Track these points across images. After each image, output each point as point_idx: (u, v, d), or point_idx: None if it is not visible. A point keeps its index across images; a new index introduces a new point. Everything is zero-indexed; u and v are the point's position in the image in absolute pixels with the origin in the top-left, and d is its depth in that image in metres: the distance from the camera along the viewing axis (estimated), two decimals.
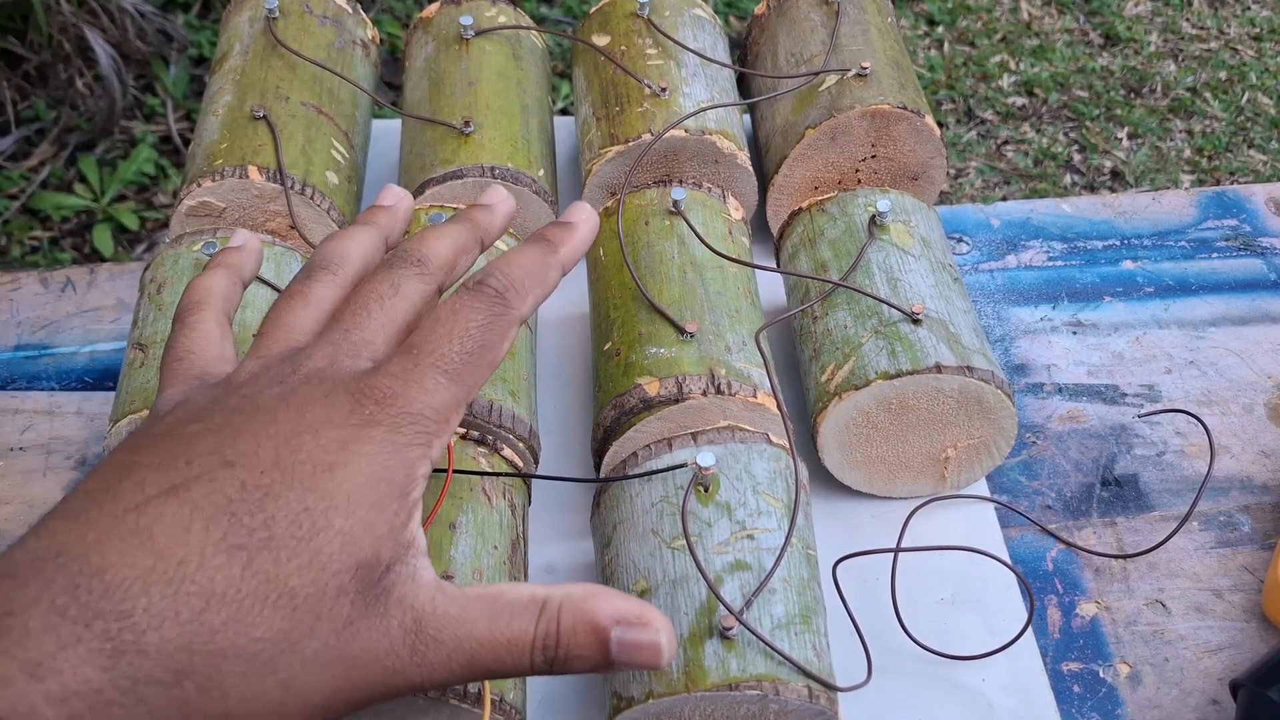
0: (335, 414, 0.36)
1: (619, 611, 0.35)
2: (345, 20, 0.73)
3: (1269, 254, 0.73)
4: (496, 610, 0.35)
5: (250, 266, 0.46)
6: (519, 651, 0.35)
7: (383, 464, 0.35)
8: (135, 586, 0.31)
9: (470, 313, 0.38)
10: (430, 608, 0.35)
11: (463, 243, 0.43)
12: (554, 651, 0.35)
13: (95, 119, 1.65)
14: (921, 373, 0.53)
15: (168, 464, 0.34)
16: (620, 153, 0.65)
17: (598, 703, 0.52)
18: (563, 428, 0.62)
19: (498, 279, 0.40)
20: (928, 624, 0.54)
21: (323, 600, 0.33)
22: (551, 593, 0.36)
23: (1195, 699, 0.53)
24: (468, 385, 0.38)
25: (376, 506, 0.35)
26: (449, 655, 0.35)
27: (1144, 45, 1.89)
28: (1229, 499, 0.61)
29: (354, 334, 0.39)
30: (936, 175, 0.68)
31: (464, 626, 0.35)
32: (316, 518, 0.34)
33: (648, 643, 0.35)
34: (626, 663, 0.36)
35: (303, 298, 0.41)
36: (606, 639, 0.35)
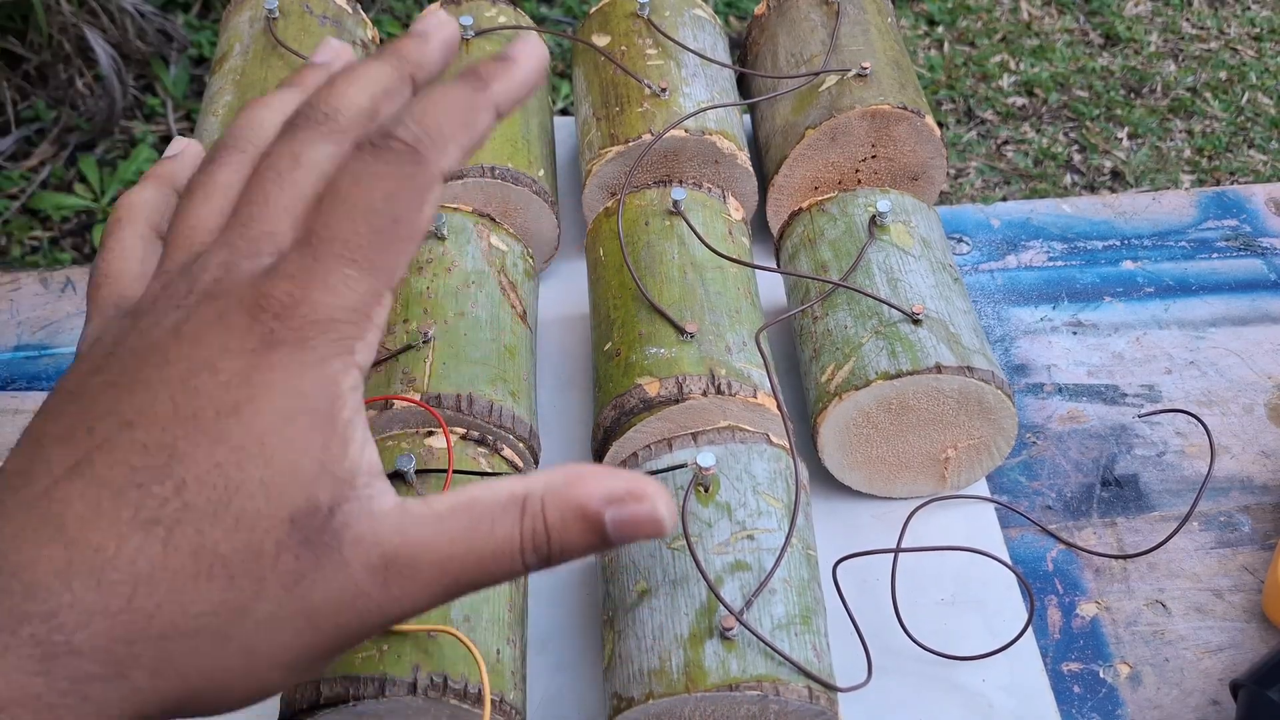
0: (232, 339, 0.30)
1: (607, 491, 0.32)
2: (345, 20, 0.73)
3: (1269, 254, 0.73)
4: (474, 520, 0.31)
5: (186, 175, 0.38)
6: (508, 557, 0.31)
7: (294, 390, 0.30)
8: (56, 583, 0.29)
9: (374, 179, 0.31)
10: (398, 538, 0.31)
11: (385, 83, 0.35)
12: (546, 548, 0.32)
13: (95, 119, 1.65)
14: (922, 373, 0.53)
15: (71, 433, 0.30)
16: (620, 153, 0.65)
17: (598, 703, 0.52)
18: (563, 428, 0.62)
19: (408, 128, 0.32)
20: (928, 624, 0.54)
21: (260, 561, 0.30)
22: (531, 486, 0.32)
23: (1195, 699, 0.53)
24: (385, 270, 0.31)
25: (297, 444, 0.30)
26: (429, 581, 0.31)
27: (1144, 45, 1.89)
28: (1229, 499, 0.61)
29: (252, 227, 0.32)
30: (936, 175, 0.68)
31: (441, 547, 0.31)
32: (230, 472, 0.30)
33: (645, 517, 0.32)
34: (627, 539, 0.32)
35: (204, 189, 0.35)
36: (601, 523, 0.32)
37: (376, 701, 0.42)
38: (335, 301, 0.31)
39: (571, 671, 0.53)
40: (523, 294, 0.59)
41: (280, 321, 0.30)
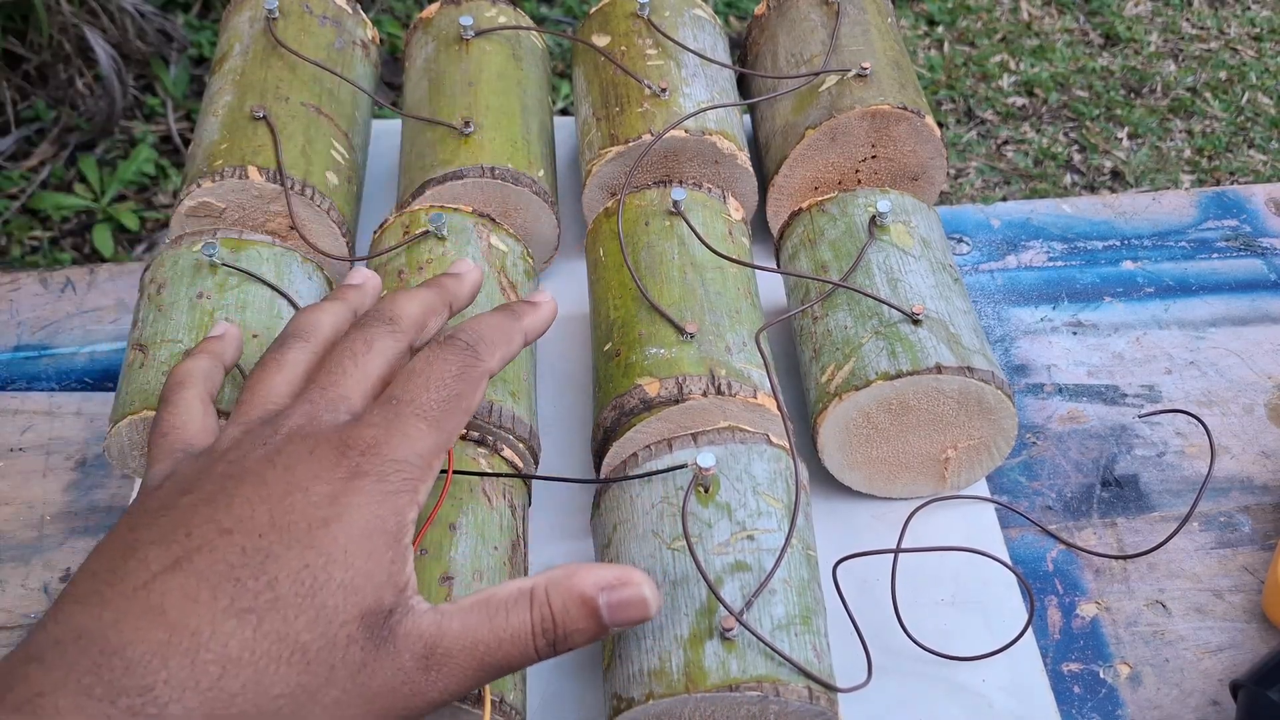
0: (322, 469, 0.37)
1: (600, 580, 0.38)
2: (345, 20, 0.73)
3: (1269, 254, 0.73)
4: (492, 612, 0.38)
5: (231, 353, 0.48)
6: (522, 643, 0.38)
7: (374, 513, 0.37)
8: (154, 661, 0.32)
9: (444, 364, 0.41)
10: (436, 632, 0.37)
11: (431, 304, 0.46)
12: (553, 633, 0.38)
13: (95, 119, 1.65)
14: (922, 373, 0.53)
15: (168, 538, 0.35)
16: (620, 153, 0.65)
17: (597, 703, 0.52)
18: (563, 428, 0.62)
19: (468, 333, 0.43)
20: (928, 624, 0.54)
21: (334, 651, 0.35)
22: (535, 582, 0.39)
23: (1195, 700, 0.53)
24: (447, 432, 0.40)
25: (373, 556, 0.36)
26: (461, 667, 0.37)
27: (1144, 45, 1.89)
28: (1229, 499, 0.61)
29: (330, 390, 0.40)
30: (936, 175, 0.68)
31: (468, 636, 0.37)
32: (318, 573, 0.35)
33: (634, 599, 0.39)
34: (621, 623, 0.39)
35: (277, 364, 0.42)
36: (597, 608, 0.38)
37: None
38: (410, 447, 0.38)
39: (571, 671, 0.53)
40: (523, 294, 0.59)
41: (365, 458, 0.38)
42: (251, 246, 0.58)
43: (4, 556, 0.58)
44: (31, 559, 0.58)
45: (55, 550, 0.58)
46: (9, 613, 0.56)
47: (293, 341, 0.43)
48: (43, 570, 0.58)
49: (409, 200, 0.64)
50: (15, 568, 0.58)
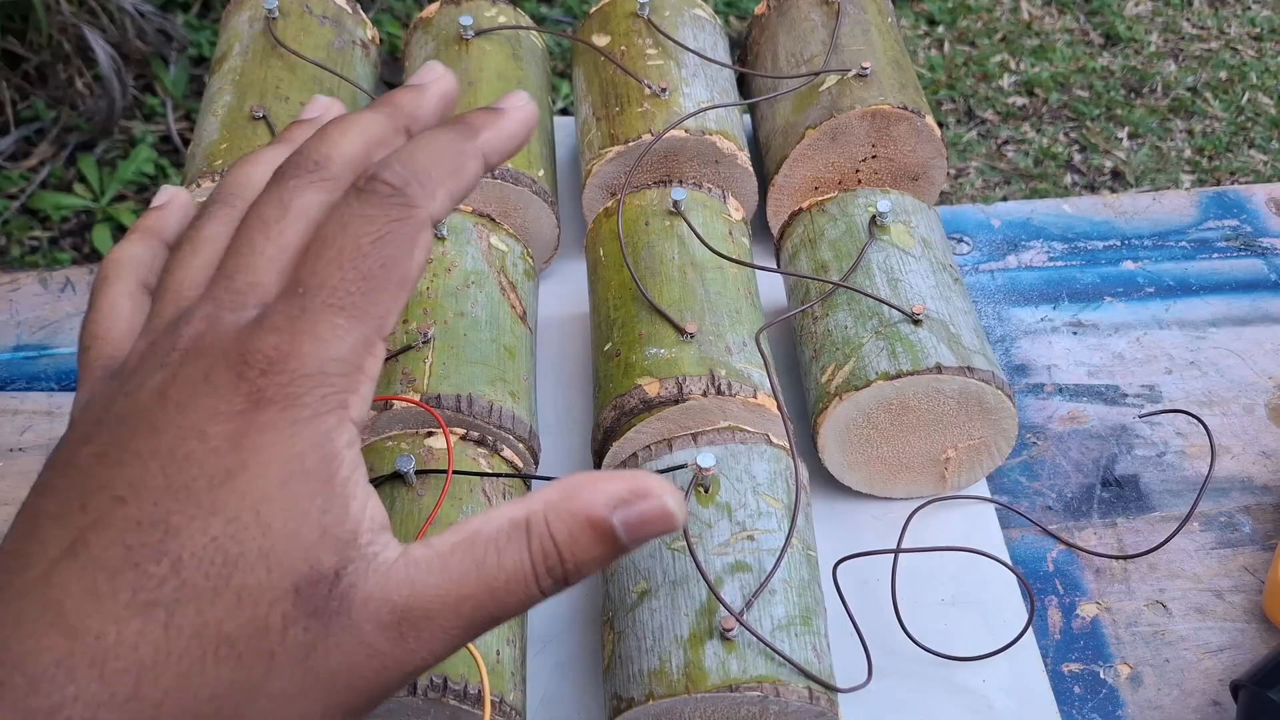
0: (219, 400, 0.29)
1: (610, 494, 0.30)
2: (345, 20, 0.73)
3: (1269, 254, 0.73)
4: (479, 553, 0.30)
5: (175, 226, 0.37)
6: (521, 585, 0.30)
7: (287, 454, 0.29)
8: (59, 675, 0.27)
9: (362, 223, 0.30)
10: (407, 589, 0.29)
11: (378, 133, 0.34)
12: (560, 568, 0.30)
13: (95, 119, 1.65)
14: (922, 373, 0.53)
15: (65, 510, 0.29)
16: (620, 153, 0.65)
17: (598, 703, 0.52)
18: (563, 428, 0.62)
19: (395, 171, 0.31)
20: (928, 625, 0.54)
21: (268, 637, 0.28)
22: (530, 507, 0.30)
23: (1196, 700, 0.53)
24: (376, 318, 0.30)
25: (295, 510, 0.29)
26: (445, 626, 0.30)
27: (1144, 45, 1.89)
28: (1230, 500, 0.61)
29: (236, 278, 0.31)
30: (937, 175, 0.68)
31: (452, 591, 0.29)
32: (227, 546, 0.28)
33: (655, 513, 0.30)
34: (640, 540, 0.30)
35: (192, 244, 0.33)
36: (610, 529, 0.30)
37: None
38: (325, 353, 0.29)
39: (571, 672, 0.53)
40: (522, 294, 0.59)
41: (267, 378, 0.29)
42: None
43: None
44: None
45: None
46: None
47: (215, 208, 0.34)
48: None
49: None
50: None
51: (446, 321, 0.55)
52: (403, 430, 0.52)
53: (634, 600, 0.47)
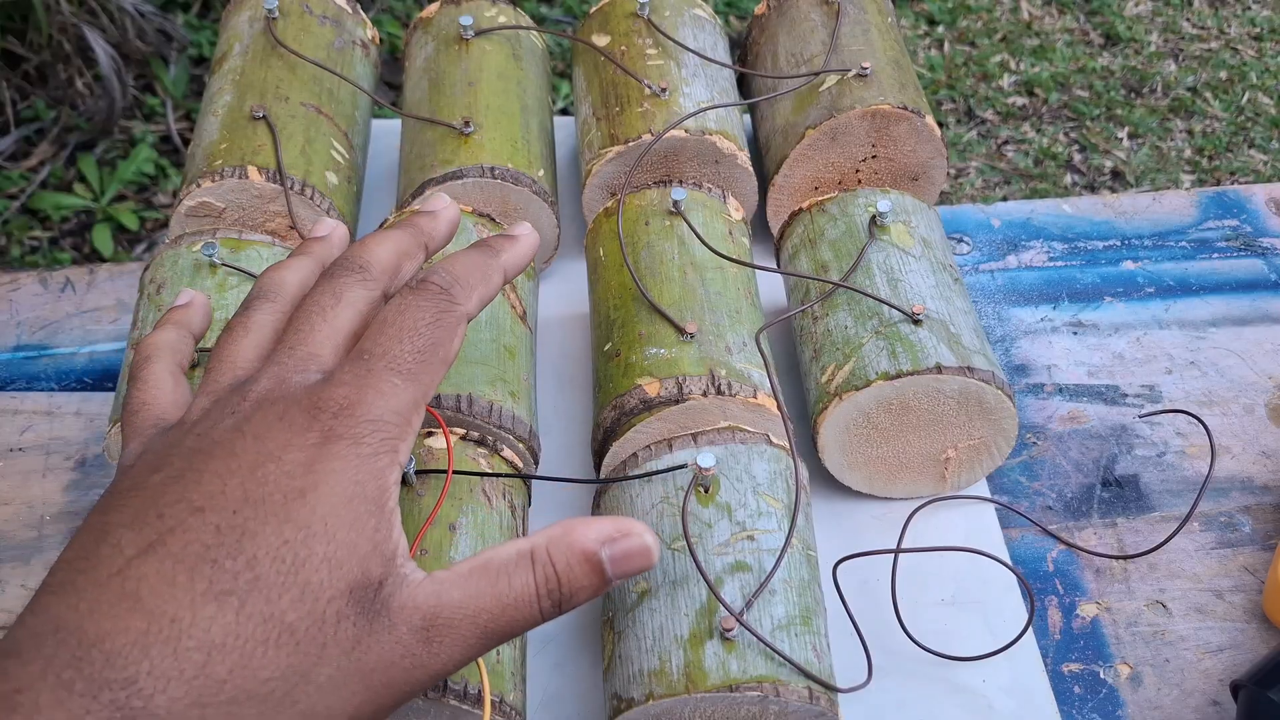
0: (294, 435, 0.35)
1: (600, 533, 0.37)
2: (345, 20, 0.73)
3: (1269, 254, 0.73)
4: (493, 577, 0.36)
5: (199, 321, 0.46)
6: (526, 606, 0.36)
7: (352, 479, 0.35)
8: (134, 651, 0.31)
9: (417, 311, 0.39)
10: (435, 603, 0.35)
11: (405, 247, 0.42)
12: (558, 594, 0.37)
13: (95, 119, 1.65)
14: (922, 373, 0.53)
15: (139, 520, 0.34)
16: (620, 153, 0.65)
17: (598, 703, 0.52)
18: (563, 428, 0.62)
19: (441, 276, 0.40)
20: (928, 625, 0.54)
21: (323, 629, 0.33)
22: (534, 542, 0.37)
23: (1196, 700, 0.53)
24: (424, 384, 0.38)
25: (355, 525, 0.35)
26: (463, 636, 0.35)
27: (1144, 45, 1.89)
28: (1230, 500, 0.61)
29: (299, 350, 0.38)
30: (937, 175, 0.68)
31: (470, 605, 0.36)
32: (298, 549, 0.33)
33: (636, 549, 0.37)
34: (624, 574, 0.37)
35: (243, 327, 0.40)
36: (600, 562, 0.37)
37: None
38: (385, 404, 0.36)
39: (571, 671, 0.53)
40: (523, 294, 0.59)
41: (338, 420, 0.35)
42: (251, 246, 0.58)
43: (4, 556, 0.58)
44: (31, 559, 0.58)
45: (55, 550, 0.58)
46: (9, 613, 0.56)
47: (258, 303, 0.41)
48: (42, 570, 0.58)
49: (409, 200, 0.64)
50: (15, 568, 0.58)
51: None
52: None
53: (634, 600, 0.47)
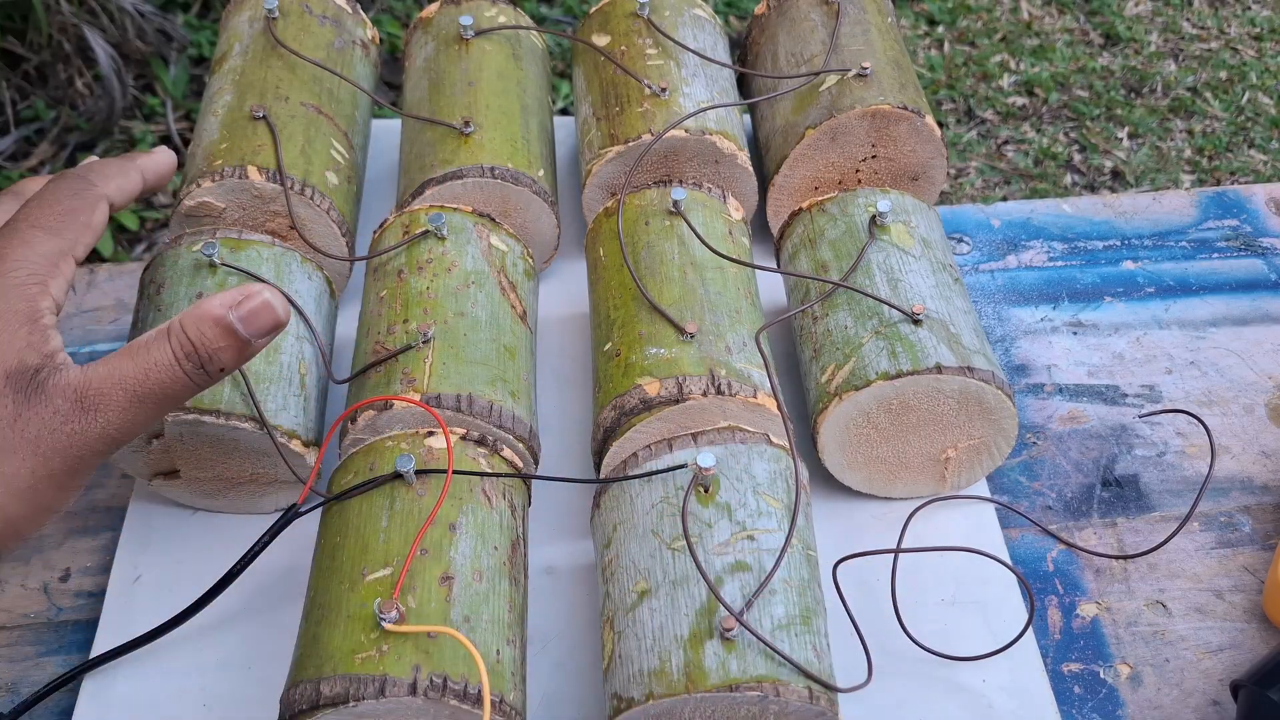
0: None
1: (225, 300, 0.44)
2: (345, 20, 0.73)
3: (1269, 254, 0.73)
4: (135, 351, 0.44)
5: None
6: (169, 370, 0.44)
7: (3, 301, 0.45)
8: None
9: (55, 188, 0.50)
10: (83, 377, 0.44)
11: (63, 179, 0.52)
12: (196, 356, 0.44)
13: (95, 119, 1.64)
14: (922, 373, 0.53)
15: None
16: (620, 153, 0.65)
17: (598, 703, 0.52)
18: (563, 428, 0.62)
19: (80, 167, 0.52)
20: (928, 625, 0.54)
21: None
22: (171, 320, 0.45)
23: (1196, 700, 0.53)
24: (68, 239, 0.48)
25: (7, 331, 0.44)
26: (116, 402, 0.44)
27: (1144, 45, 1.89)
28: (1230, 499, 0.61)
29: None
30: (937, 175, 0.68)
31: (115, 375, 0.44)
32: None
33: (260, 305, 0.44)
34: (257, 332, 0.45)
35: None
36: (229, 323, 0.44)
37: (376, 702, 0.42)
38: (29, 250, 0.47)
39: (571, 671, 0.53)
40: (522, 294, 0.59)
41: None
42: (251, 246, 0.58)
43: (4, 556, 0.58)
44: (31, 559, 0.58)
45: (55, 550, 0.58)
46: (9, 613, 0.56)
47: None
48: (43, 570, 0.58)
49: (409, 200, 0.64)
50: (15, 568, 0.58)
51: (446, 321, 0.55)
52: (403, 430, 0.52)
53: (634, 600, 0.47)
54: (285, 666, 0.51)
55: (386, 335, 0.55)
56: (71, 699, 0.52)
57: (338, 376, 0.60)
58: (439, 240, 0.58)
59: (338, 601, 0.46)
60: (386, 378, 0.54)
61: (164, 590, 0.56)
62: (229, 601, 0.54)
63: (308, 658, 0.45)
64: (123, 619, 0.55)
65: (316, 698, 0.43)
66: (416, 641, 0.44)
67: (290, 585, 0.55)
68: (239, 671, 0.53)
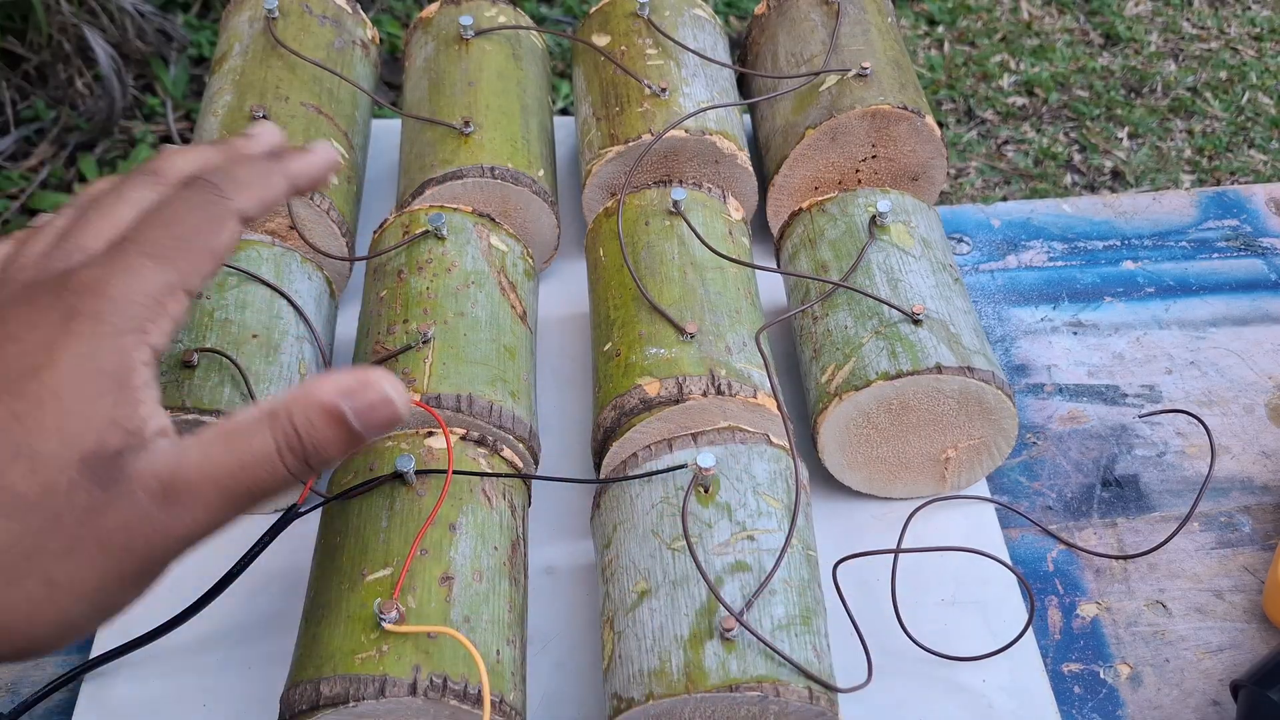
0: (38, 315, 0.36)
1: (340, 387, 0.36)
2: (345, 20, 0.73)
3: (1269, 254, 0.73)
4: (233, 438, 0.36)
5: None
6: (268, 463, 0.36)
7: (89, 355, 0.35)
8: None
9: (181, 202, 0.39)
10: (174, 465, 0.35)
11: (208, 158, 0.42)
12: (301, 449, 0.36)
13: (95, 119, 1.65)
14: (922, 373, 0.53)
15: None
16: (620, 153, 0.65)
17: (598, 703, 0.52)
18: (563, 428, 0.62)
19: (214, 174, 0.40)
20: (928, 625, 0.54)
21: (55, 498, 0.34)
22: (275, 401, 0.37)
23: (1196, 700, 0.53)
24: (181, 270, 0.38)
25: (91, 399, 0.35)
26: (204, 496, 0.36)
27: (1144, 45, 1.89)
28: (1229, 499, 0.61)
29: (69, 240, 0.38)
30: (937, 175, 0.68)
31: (208, 464, 0.36)
32: (27, 421, 0.34)
33: (378, 400, 0.36)
34: (373, 427, 0.37)
35: (35, 233, 0.40)
36: (341, 414, 0.36)
37: (376, 702, 0.42)
38: (133, 285, 0.36)
39: (571, 671, 0.53)
40: (522, 294, 0.59)
41: (81, 298, 0.36)
42: (251, 246, 0.58)
43: None
44: None
45: None
46: None
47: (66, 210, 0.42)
48: None
49: (409, 200, 0.64)
50: None
51: (446, 321, 0.55)
52: (403, 430, 0.52)
53: (634, 600, 0.47)
54: (285, 666, 0.51)
55: (386, 335, 0.55)
56: (71, 699, 0.52)
57: None
58: (439, 240, 0.58)
59: (338, 602, 0.46)
60: None
61: (164, 590, 0.55)
62: (229, 601, 0.54)
63: (308, 658, 0.45)
64: (123, 619, 0.54)
65: (316, 698, 0.43)
66: (416, 642, 0.44)
67: (290, 585, 0.55)
68: (239, 671, 0.53)
